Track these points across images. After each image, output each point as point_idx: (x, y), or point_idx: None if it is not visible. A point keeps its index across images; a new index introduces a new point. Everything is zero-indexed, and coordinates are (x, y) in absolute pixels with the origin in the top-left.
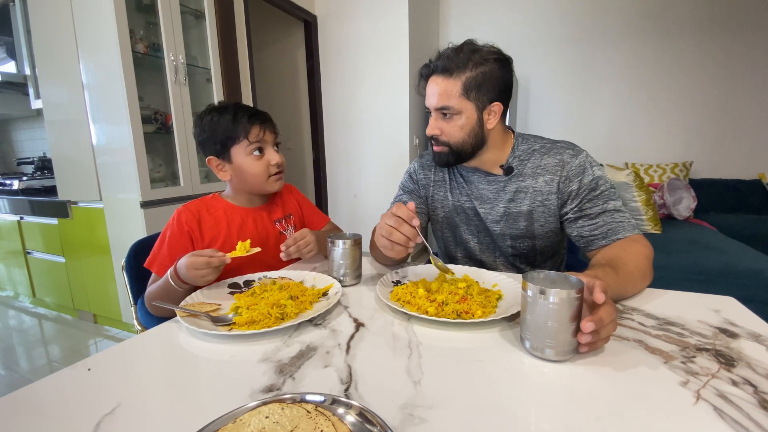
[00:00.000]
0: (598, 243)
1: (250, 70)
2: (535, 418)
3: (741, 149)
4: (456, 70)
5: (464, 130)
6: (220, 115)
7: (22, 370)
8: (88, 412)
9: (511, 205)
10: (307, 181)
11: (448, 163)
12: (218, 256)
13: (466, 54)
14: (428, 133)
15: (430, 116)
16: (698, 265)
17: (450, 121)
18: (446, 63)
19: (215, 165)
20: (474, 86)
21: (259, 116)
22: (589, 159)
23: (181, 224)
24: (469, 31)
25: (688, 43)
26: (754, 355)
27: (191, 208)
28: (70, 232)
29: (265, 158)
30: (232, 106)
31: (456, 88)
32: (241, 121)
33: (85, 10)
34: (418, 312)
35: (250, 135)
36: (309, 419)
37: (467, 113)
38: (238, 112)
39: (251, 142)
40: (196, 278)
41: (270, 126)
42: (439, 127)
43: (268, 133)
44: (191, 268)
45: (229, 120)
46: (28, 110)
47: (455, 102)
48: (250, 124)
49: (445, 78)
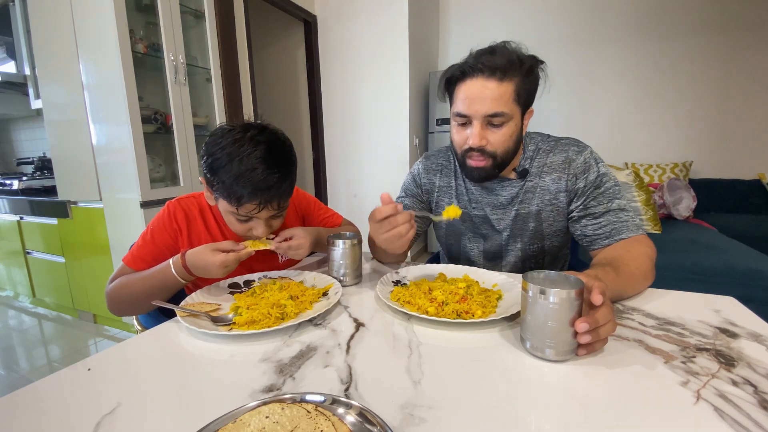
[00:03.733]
0: (601, 242)
1: (250, 70)
2: (535, 418)
3: (741, 149)
4: (509, 71)
5: (512, 138)
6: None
7: (22, 370)
8: (88, 412)
9: (521, 207)
10: (307, 181)
11: (488, 178)
12: (245, 250)
13: (515, 56)
14: (473, 144)
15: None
16: (698, 265)
17: (499, 129)
18: (500, 62)
19: (206, 186)
20: (523, 91)
21: (265, 194)
22: (594, 155)
23: (171, 218)
24: (469, 31)
25: (688, 43)
26: (754, 355)
27: (183, 205)
28: (70, 232)
29: (249, 224)
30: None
31: (509, 92)
32: (239, 189)
33: (85, 10)
34: (418, 312)
35: (241, 208)
36: (309, 419)
37: (516, 120)
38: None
39: (239, 213)
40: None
41: (274, 204)
42: (485, 137)
43: (265, 211)
44: (221, 266)
45: (230, 177)
46: (28, 110)
47: (510, 107)
48: (247, 200)
49: (498, 80)
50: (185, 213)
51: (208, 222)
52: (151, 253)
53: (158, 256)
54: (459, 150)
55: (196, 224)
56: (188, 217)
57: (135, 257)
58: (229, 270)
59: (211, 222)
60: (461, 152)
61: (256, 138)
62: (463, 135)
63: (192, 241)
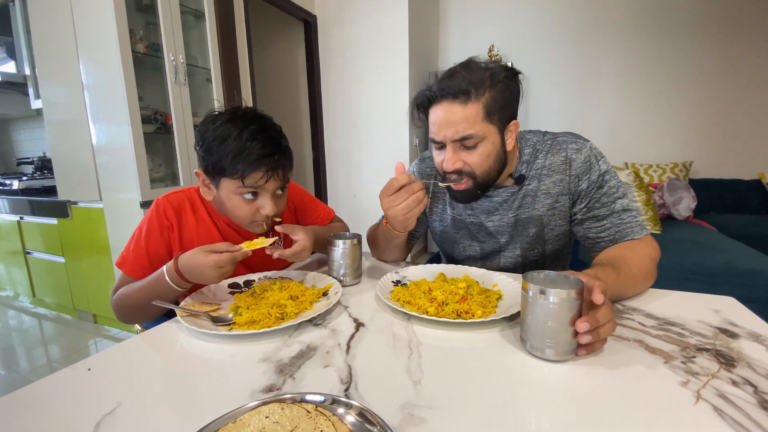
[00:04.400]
0: (604, 245)
1: (250, 70)
2: (535, 418)
3: (741, 149)
4: (475, 91)
5: (490, 157)
6: (225, 140)
7: (22, 370)
8: (88, 412)
9: (520, 212)
10: (307, 181)
11: (473, 199)
12: (241, 251)
13: (481, 72)
14: (447, 168)
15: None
16: (698, 265)
17: (473, 150)
18: (461, 84)
19: (202, 180)
20: (495, 108)
21: (268, 160)
22: (594, 151)
23: (160, 217)
24: (469, 31)
25: (688, 43)
26: (754, 355)
27: (172, 201)
28: (70, 232)
29: (257, 203)
30: (245, 133)
31: (476, 113)
32: (243, 159)
33: (85, 10)
34: (418, 312)
35: (247, 179)
36: (309, 419)
37: (491, 138)
38: (246, 147)
39: (245, 185)
40: (216, 277)
41: (279, 172)
42: (459, 159)
43: (272, 181)
44: (214, 267)
45: (232, 150)
46: (28, 110)
47: (479, 128)
48: (253, 168)
49: (462, 103)
50: (175, 209)
51: (199, 215)
52: (145, 255)
53: (153, 257)
54: (441, 171)
55: (187, 219)
56: (178, 212)
57: (131, 263)
58: (225, 272)
59: (203, 215)
60: (442, 174)
61: (246, 116)
62: (439, 158)
63: (183, 237)
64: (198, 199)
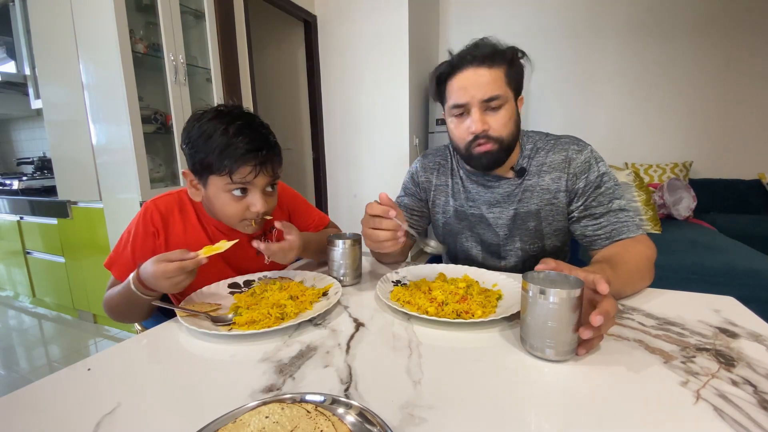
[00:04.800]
0: (601, 243)
1: (250, 70)
2: (535, 418)
3: (741, 149)
4: (496, 59)
5: (512, 120)
6: (211, 136)
7: (22, 370)
8: (88, 412)
9: (519, 206)
10: (307, 181)
11: (498, 163)
12: (191, 258)
13: (500, 46)
14: (476, 131)
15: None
16: (698, 265)
17: (497, 113)
18: (486, 51)
19: (189, 180)
20: (513, 77)
21: (257, 154)
22: (594, 154)
23: (146, 222)
24: (470, 31)
25: (688, 43)
26: (754, 355)
27: (159, 206)
28: (70, 232)
29: (246, 201)
30: (231, 128)
31: (501, 76)
32: (230, 154)
33: (85, 10)
34: (418, 312)
35: (235, 175)
36: (309, 419)
37: (511, 103)
38: (232, 142)
39: (233, 182)
40: (168, 287)
41: (268, 167)
42: (486, 122)
43: (261, 176)
44: (162, 277)
45: (218, 146)
46: (28, 110)
47: (504, 90)
48: (240, 163)
49: (488, 67)
50: (162, 213)
51: (187, 218)
52: (131, 259)
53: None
54: (462, 143)
55: (175, 223)
56: (165, 217)
57: (118, 265)
58: (176, 282)
59: (192, 219)
60: (465, 144)
61: (232, 113)
62: (463, 126)
63: (170, 242)
64: (188, 202)
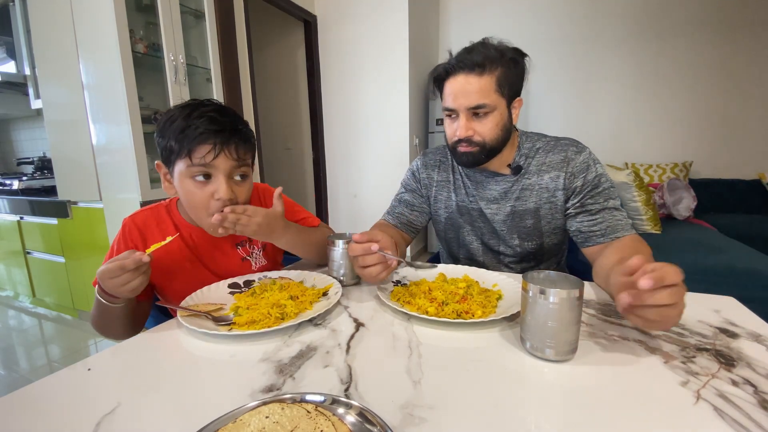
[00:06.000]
0: (596, 240)
1: (250, 70)
2: (535, 418)
3: (741, 149)
4: (489, 65)
5: (498, 126)
6: (174, 120)
7: (22, 370)
8: (88, 412)
9: (517, 204)
10: (307, 181)
11: (477, 163)
12: (132, 257)
13: (494, 50)
14: (460, 136)
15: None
16: (698, 265)
17: (483, 119)
18: (477, 58)
19: (163, 173)
20: (506, 82)
21: (216, 134)
22: (592, 156)
23: (125, 238)
24: (469, 31)
25: (688, 43)
26: (754, 355)
27: (137, 220)
28: (70, 232)
29: (209, 188)
30: (193, 110)
31: (491, 84)
32: (189, 134)
33: (85, 10)
34: (418, 312)
35: (194, 154)
36: (309, 419)
37: (500, 109)
38: (192, 123)
39: (194, 164)
40: (117, 288)
41: (231, 149)
42: (471, 128)
43: (222, 157)
44: (106, 277)
45: (178, 127)
46: (28, 110)
47: (491, 99)
48: (198, 142)
49: (477, 75)
50: (139, 228)
51: (165, 230)
52: None
53: None
54: (450, 141)
55: (153, 236)
56: (142, 231)
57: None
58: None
59: (169, 229)
60: (452, 143)
61: (202, 103)
62: (452, 127)
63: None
64: (164, 213)
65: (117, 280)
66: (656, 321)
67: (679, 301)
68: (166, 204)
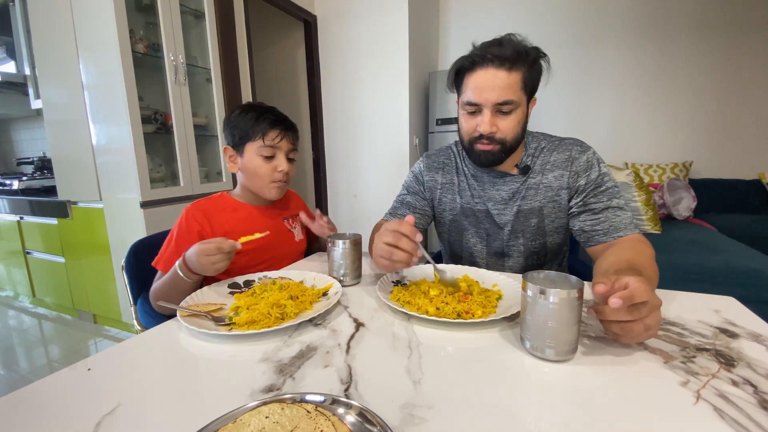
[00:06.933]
0: (599, 239)
1: (250, 70)
2: (535, 418)
3: (741, 149)
4: (517, 62)
5: (520, 124)
6: (248, 112)
7: (22, 370)
8: (88, 412)
9: (522, 203)
10: (307, 181)
11: (495, 162)
12: (230, 242)
13: (521, 47)
14: (483, 131)
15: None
16: (698, 265)
17: (507, 117)
18: (506, 54)
19: (228, 155)
20: (529, 80)
21: (282, 123)
22: (596, 156)
23: (189, 222)
24: (469, 31)
25: (688, 43)
26: (754, 355)
27: (200, 206)
28: (70, 232)
29: (273, 163)
30: (261, 108)
31: (518, 81)
32: (262, 122)
33: (85, 10)
34: (418, 312)
35: (266, 137)
36: (309, 419)
37: (522, 107)
38: (262, 114)
39: (265, 144)
40: (207, 266)
41: (290, 135)
42: (495, 124)
43: (285, 141)
44: (202, 254)
45: (252, 117)
46: (28, 110)
47: (518, 96)
48: (270, 127)
49: (507, 70)
50: (202, 211)
51: (226, 211)
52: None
53: None
54: (467, 137)
55: (218, 216)
56: (206, 213)
57: (164, 261)
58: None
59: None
60: (470, 139)
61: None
62: (472, 123)
63: (216, 232)
64: (221, 200)
65: (211, 258)
66: (620, 334)
67: (640, 318)
68: (218, 195)
